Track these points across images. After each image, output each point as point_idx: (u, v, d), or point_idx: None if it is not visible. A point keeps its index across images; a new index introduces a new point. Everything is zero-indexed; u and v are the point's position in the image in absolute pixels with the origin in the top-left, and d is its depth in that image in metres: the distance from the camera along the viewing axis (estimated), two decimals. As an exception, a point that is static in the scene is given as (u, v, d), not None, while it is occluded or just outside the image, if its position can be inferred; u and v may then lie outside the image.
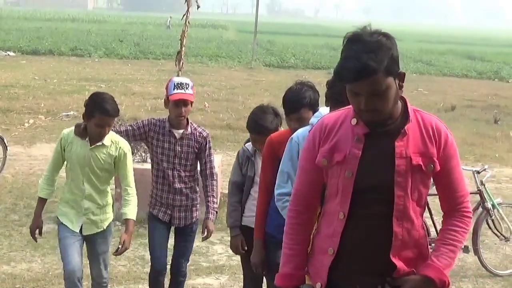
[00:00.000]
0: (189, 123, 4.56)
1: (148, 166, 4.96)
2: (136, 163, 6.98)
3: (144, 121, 4.62)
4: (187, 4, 8.33)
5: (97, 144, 4.24)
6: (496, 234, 6.38)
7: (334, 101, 3.26)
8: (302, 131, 3.33)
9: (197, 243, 5.39)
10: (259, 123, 4.07)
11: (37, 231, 4.39)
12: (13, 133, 11.32)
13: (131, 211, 4.36)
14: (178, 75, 7.43)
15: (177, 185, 4.56)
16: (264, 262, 3.86)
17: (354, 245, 2.47)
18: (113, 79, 19.63)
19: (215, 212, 4.61)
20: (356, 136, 2.47)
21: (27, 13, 62.45)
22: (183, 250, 4.72)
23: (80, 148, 4.26)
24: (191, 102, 4.46)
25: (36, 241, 4.53)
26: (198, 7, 8.54)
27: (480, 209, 6.28)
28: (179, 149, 4.52)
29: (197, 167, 4.67)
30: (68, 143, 4.28)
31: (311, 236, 2.69)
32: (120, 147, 4.31)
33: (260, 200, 3.83)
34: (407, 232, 2.46)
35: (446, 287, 2.49)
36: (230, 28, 56.41)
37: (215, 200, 4.63)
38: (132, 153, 4.56)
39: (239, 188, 4.23)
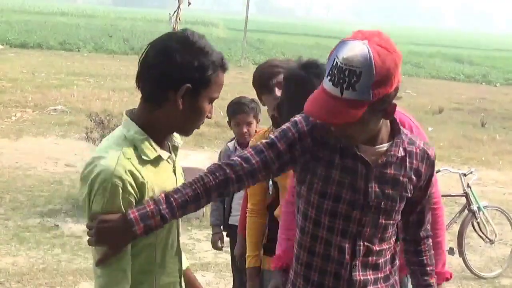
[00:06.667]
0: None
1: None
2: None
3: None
4: (178, 1, 8.31)
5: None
6: (481, 237, 6.42)
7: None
8: None
9: (184, 239, 5.37)
10: None
11: None
12: (-1, 126, 11.26)
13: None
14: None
15: None
16: (245, 255, 3.88)
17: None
18: (101, 74, 19.53)
19: None
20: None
21: (16, 6, 61.97)
22: None
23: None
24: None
25: None
26: (189, 3, 8.53)
27: (466, 211, 6.32)
28: None
29: None
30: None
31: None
32: None
33: (245, 197, 3.84)
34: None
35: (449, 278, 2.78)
36: (220, 25, 56.20)
37: None
38: None
39: None
